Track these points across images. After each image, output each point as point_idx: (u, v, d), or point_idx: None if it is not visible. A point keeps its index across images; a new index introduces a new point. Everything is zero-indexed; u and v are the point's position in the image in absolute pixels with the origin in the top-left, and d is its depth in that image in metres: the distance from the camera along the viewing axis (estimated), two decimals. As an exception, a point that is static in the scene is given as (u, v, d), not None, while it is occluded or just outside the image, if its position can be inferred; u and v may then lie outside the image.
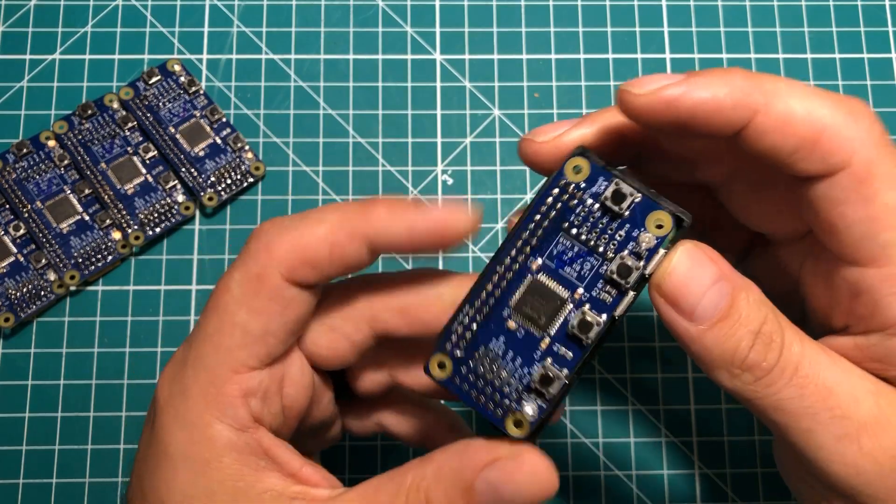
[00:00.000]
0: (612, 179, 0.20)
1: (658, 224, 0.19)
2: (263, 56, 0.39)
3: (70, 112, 0.37)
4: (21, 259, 0.36)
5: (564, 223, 0.20)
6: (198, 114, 0.38)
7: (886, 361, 0.21)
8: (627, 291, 0.19)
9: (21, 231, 0.36)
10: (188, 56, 0.39)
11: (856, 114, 0.20)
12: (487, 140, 0.38)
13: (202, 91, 0.38)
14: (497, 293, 0.20)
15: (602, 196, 0.20)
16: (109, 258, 0.36)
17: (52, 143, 0.37)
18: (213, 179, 0.37)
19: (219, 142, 0.37)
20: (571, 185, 0.20)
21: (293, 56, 0.39)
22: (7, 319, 0.35)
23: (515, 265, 0.20)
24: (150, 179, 0.37)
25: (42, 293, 0.35)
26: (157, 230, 0.36)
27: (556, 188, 0.20)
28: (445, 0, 0.40)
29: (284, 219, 0.22)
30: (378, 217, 0.22)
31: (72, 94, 0.38)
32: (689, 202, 0.21)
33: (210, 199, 0.37)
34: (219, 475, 0.21)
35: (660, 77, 0.21)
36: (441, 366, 0.21)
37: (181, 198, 0.37)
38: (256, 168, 0.37)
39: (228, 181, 0.37)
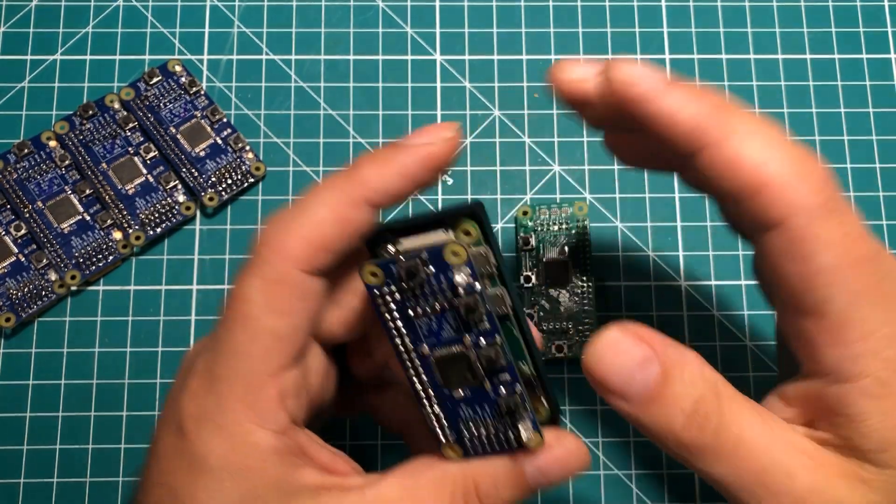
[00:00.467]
0: (396, 264, 0.21)
1: (454, 253, 0.21)
2: (264, 56, 0.39)
3: (71, 112, 0.38)
4: (22, 259, 0.36)
5: (409, 312, 0.22)
6: (198, 114, 0.38)
7: (827, 410, 0.21)
8: (489, 311, 0.21)
9: (22, 231, 0.36)
10: (189, 56, 0.39)
11: (805, 174, 0.20)
12: (487, 140, 0.38)
13: (203, 91, 0.38)
14: (428, 387, 0.22)
15: (402, 280, 0.21)
16: (110, 258, 0.36)
17: (54, 144, 0.37)
18: (214, 179, 0.37)
19: (219, 142, 0.37)
20: (382, 289, 0.22)
21: (293, 56, 0.39)
22: (8, 319, 0.35)
23: (416, 362, 0.22)
24: (151, 179, 0.37)
25: (43, 293, 0.35)
26: (158, 230, 0.36)
27: (378, 298, 0.22)
28: (445, 0, 0.40)
29: (283, 215, 0.23)
30: (369, 177, 0.22)
31: (73, 95, 0.39)
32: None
33: (211, 200, 0.37)
34: (264, 480, 0.22)
35: (640, 66, 0.21)
36: (453, 450, 0.23)
37: (182, 198, 0.37)
38: (257, 168, 0.37)
39: (229, 181, 0.37)
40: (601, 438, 0.35)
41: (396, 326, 0.22)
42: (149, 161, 0.37)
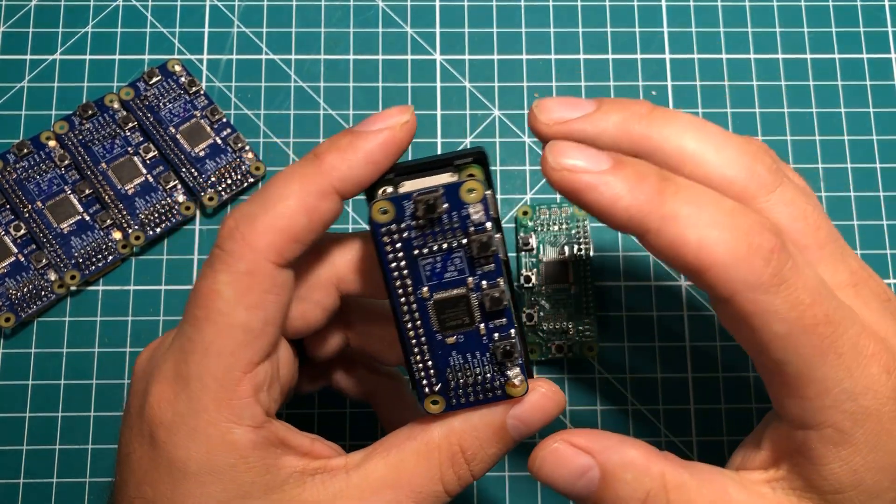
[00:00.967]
0: (412, 198, 0.21)
1: (470, 190, 0.21)
2: (264, 56, 0.39)
3: (71, 112, 0.38)
4: (22, 259, 0.36)
5: (414, 252, 0.22)
6: (198, 114, 0.38)
7: (792, 451, 0.22)
8: (496, 252, 0.21)
9: (22, 231, 0.36)
10: (188, 56, 0.39)
11: (749, 253, 0.20)
12: (487, 140, 0.38)
13: (202, 91, 0.38)
14: (421, 332, 0.22)
15: (417, 215, 0.21)
16: (110, 258, 0.36)
17: (53, 144, 0.37)
18: (214, 179, 0.37)
19: (219, 142, 0.37)
20: (391, 226, 0.21)
21: (293, 56, 0.39)
22: (8, 319, 0.35)
23: (413, 305, 0.22)
24: (151, 179, 0.37)
25: (42, 293, 0.35)
26: (158, 230, 0.36)
27: (384, 236, 0.21)
28: (445, 0, 0.40)
29: (246, 207, 0.22)
30: (335, 165, 0.22)
31: (72, 95, 0.39)
32: None
33: (210, 199, 0.37)
34: (247, 476, 0.22)
35: (578, 150, 0.21)
36: (434, 403, 0.23)
37: (181, 198, 0.37)
38: (257, 168, 0.37)
39: (229, 181, 0.37)
40: (601, 438, 0.35)
41: (399, 267, 0.22)
42: (148, 161, 0.37)
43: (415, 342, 0.22)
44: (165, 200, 0.37)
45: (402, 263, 0.22)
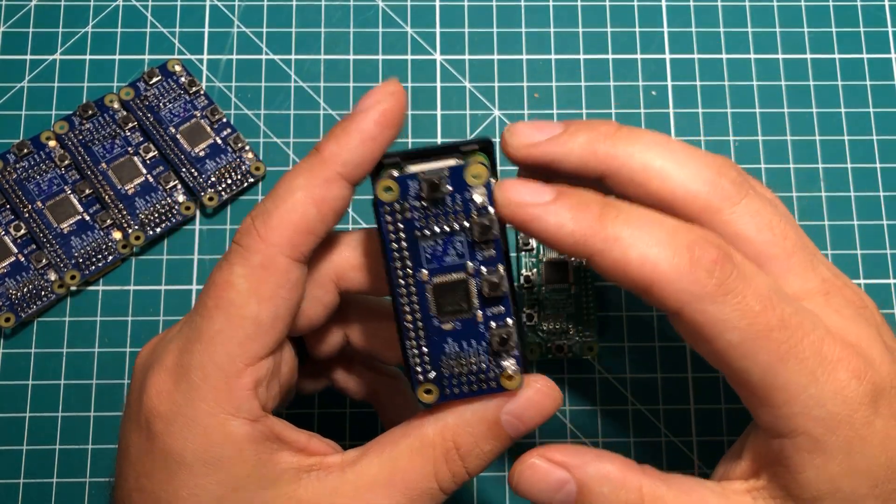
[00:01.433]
0: (418, 177, 0.21)
1: (474, 175, 0.21)
2: (264, 56, 0.39)
3: (71, 112, 0.38)
4: (21, 259, 0.36)
5: (416, 233, 0.22)
6: (198, 114, 0.38)
7: (770, 460, 0.22)
8: (497, 237, 0.22)
9: (22, 231, 0.36)
10: (188, 56, 0.39)
11: (691, 265, 0.20)
12: (487, 140, 0.38)
13: (202, 91, 0.38)
14: (418, 316, 0.22)
15: (422, 195, 0.21)
16: (110, 258, 0.36)
17: (53, 144, 0.37)
18: (214, 179, 0.37)
19: (219, 142, 0.37)
20: (395, 205, 0.22)
21: (293, 56, 0.39)
22: (8, 319, 0.35)
23: (413, 288, 0.22)
24: (151, 179, 0.37)
25: (42, 293, 0.35)
26: (158, 230, 0.36)
27: (387, 215, 0.22)
28: (445, 0, 0.40)
29: (261, 205, 0.23)
30: (335, 152, 0.22)
31: (72, 95, 0.39)
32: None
33: (210, 199, 0.37)
34: (242, 469, 0.22)
35: (523, 185, 0.22)
36: (428, 392, 0.23)
37: (182, 198, 0.37)
38: (257, 168, 0.37)
39: (229, 181, 0.37)
40: (601, 438, 0.35)
41: (400, 248, 0.22)
42: (148, 161, 0.37)
43: (411, 327, 0.22)
44: (165, 200, 0.37)
45: (404, 244, 0.22)
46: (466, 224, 0.21)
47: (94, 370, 0.35)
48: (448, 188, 0.21)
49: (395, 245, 0.22)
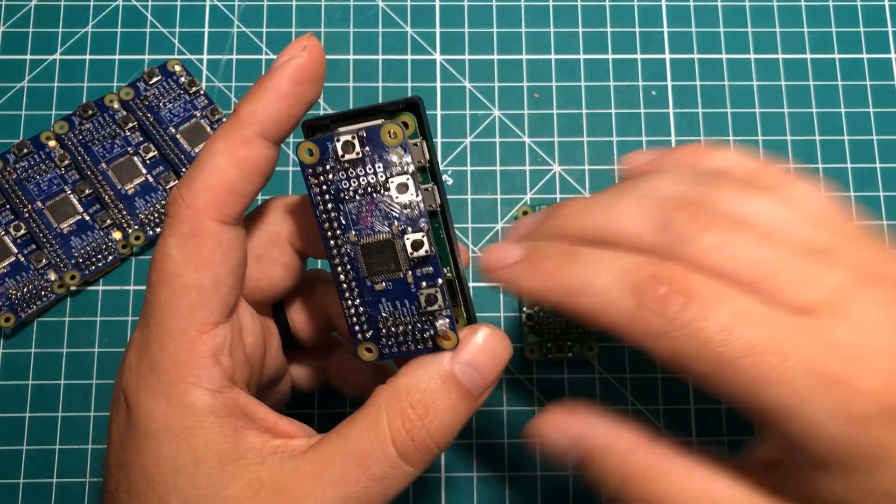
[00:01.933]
0: (334, 138, 0.22)
1: (391, 133, 0.21)
2: (264, 56, 0.39)
3: (70, 112, 0.38)
4: (21, 259, 0.36)
5: (341, 194, 0.22)
6: (198, 114, 0.38)
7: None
8: (416, 193, 0.22)
9: (21, 231, 0.36)
10: (188, 56, 0.39)
11: (638, 310, 0.20)
12: (487, 140, 0.38)
13: (202, 91, 0.38)
14: (351, 277, 0.23)
15: (339, 156, 0.22)
16: (110, 258, 0.36)
17: (53, 144, 0.37)
18: (214, 179, 0.37)
19: (219, 142, 0.37)
20: (317, 167, 0.22)
21: (293, 56, 0.39)
22: (8, 319, 0.35)
23: (344, 248, 0.22)
24: (151, 179, 0.37)
25: (42, 293, 0.35)
26: (158, 230, 0.36)
27: (311, 177, 0.22)
28: (445, 0, 0.40)
29: (185, 175, 0.23)
30: (249, 112, 0.22)
31: (72, 95, 0.39)
32: None
33: (210, 200, 0.37)
34: (203, 440, 0.21)
35: (497, 250, 0.23)
36: (369, 350, 0.23)
37: (181, 198, 0.37)
38: (257, 168, 0.37)
39: (229, 181, 0.37)
40: (601, 438, 0.35)
41: (327, 209, 0.22)
42: (148, 161, 0.37)
43: (346, 287, 0.22)
44: (166, 200, 0.37)
45: (330, 206, 0.22)
46: (387, 185, 0.22)
47: (94, 370, 0.35)
48: (365, 149, 0.21)
49: (322, 207, 0.22)
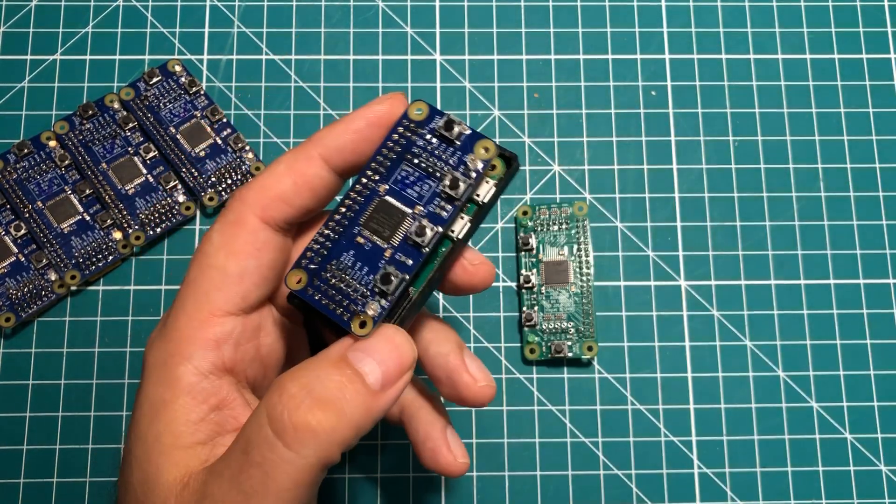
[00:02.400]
0: (444, 114, 0.23)
1: (485, 148, 0.23)
2: (264, 56, 0.39)
3: (71, 112, 0.38)
4: (22, 259, 0.36)
5: (408, 154, 0.23)
6: (198, 114, 0.38)
7: None
8: (459, 207, 0.23)
9: (22, 231, 0.36)
10: (189, 56, 0.39)
11: None
12: (487, 140, 0.38)
13: (203, 91, 0.38)
14: (350, 214, 0.23)
15: (437, 127, 0.23)
16: (110, 258, 0.36)
17: (53, 144, 0.37)
18: (214, 179, 0.37)
19: (219, 142, 0.37)
20: (413, 123, 0.24)
21: (293, 56, 0.39)
22: (8, 319, 0.35)
23: (366, 190, 0.23)
24: (151, 179, 0.37)
25: (43, 293, 0.35)
26: (158, 230, 0.36)
27: (401, 126, 0.24)
28: (445, 0, 0.40)
29: (254, 178, 0.24)
30: (320, 136, 0.24)
31: (73, 95, 0.39)
32: None
33: (211, 199, 0.37)
34: (168, 416, 0.22)
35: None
36: (298, 281, 0.23)
37: (182, 198, 0.37)
38: (257, 168, 0.37)
39: (229, 181, 0.37)
40: (601, 438, 0.35)
41: (386, 155, 0.23)
42: (149, 161, 0.37)
43: (337, 218, 0.23)
44: (166, 200, 0.37)
45: (392, 155, 0.23)
46: (445, 177, 0.23)
47: (94, 370, 0.35)
48: (457, 140, 0.23)
49: (386, 151, 0.23)
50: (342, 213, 0.23)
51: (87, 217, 0.36)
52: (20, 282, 0.35)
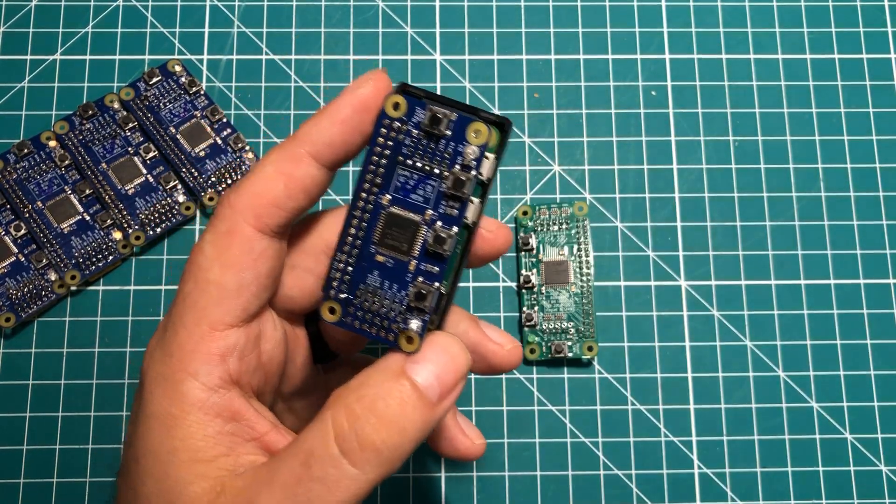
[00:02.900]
0: (427, 107, 0.22)
1: (475, 132, 0.21)
2: (264, 56, 0.39)
3: (71, 112, 0.38)
4: (22, 259, 0.36)
5: (399, 157, 0.22)
6: (198, 114, 0.38)
7: None
8: (468, 200, 0.21)
9: (22, 231, 0.36)
10: (189, 56, 0.39)
11: None
12: (487, 140, 0.38)
13: (203, 91, 0.38)
14: (360, 234, 0.22)
15: (422, 124, 0.22)
16: (110, 258, 0.36)
17: (53, 144, 0.37)
18: (214, 179, 0.37)
19: (219, 142, 0.37)
20: (395, 122, 0.22)
21: (293, 56, 0.39)
22: (8, 319, 0.35)
23: (369, 206, 0.22)
24: (151, 179, 0.37)
25: (43, 293, 0.35)
26: (158, 230, 0.36)
27: (383, 128, 0.22)
28: (445, 0, 0.40)
29: (237, 182, 0.23)
30: (306, 132, 0.23)
31: (73, 95, 0.39)
32: None
33: (211, 200, 0.37)
34: (182, 433, 0.21)
35: None
36: (332, 311, 0.22)
37: (182, 198, 0.37)
38: (257, 168, 0.37)
39: (229, 181, 0.37)
40: (601, 438, 0.35)
41: (379, 162, 0.22)
42: (149, 161, 0.37)
43: (349, 241, 0.22)
44: (166, 200, 0.37)
45: (384, 162, 0.22)
46: (446, 174, 0.22)
47: (94, 370, 0.35)
48: (447, 131, 0.22)
49: (376, 158, 0.22)
50: (353, 235, 0.22)
51: (87, 217, 0.36)
52: (20, 282, 0.35)
